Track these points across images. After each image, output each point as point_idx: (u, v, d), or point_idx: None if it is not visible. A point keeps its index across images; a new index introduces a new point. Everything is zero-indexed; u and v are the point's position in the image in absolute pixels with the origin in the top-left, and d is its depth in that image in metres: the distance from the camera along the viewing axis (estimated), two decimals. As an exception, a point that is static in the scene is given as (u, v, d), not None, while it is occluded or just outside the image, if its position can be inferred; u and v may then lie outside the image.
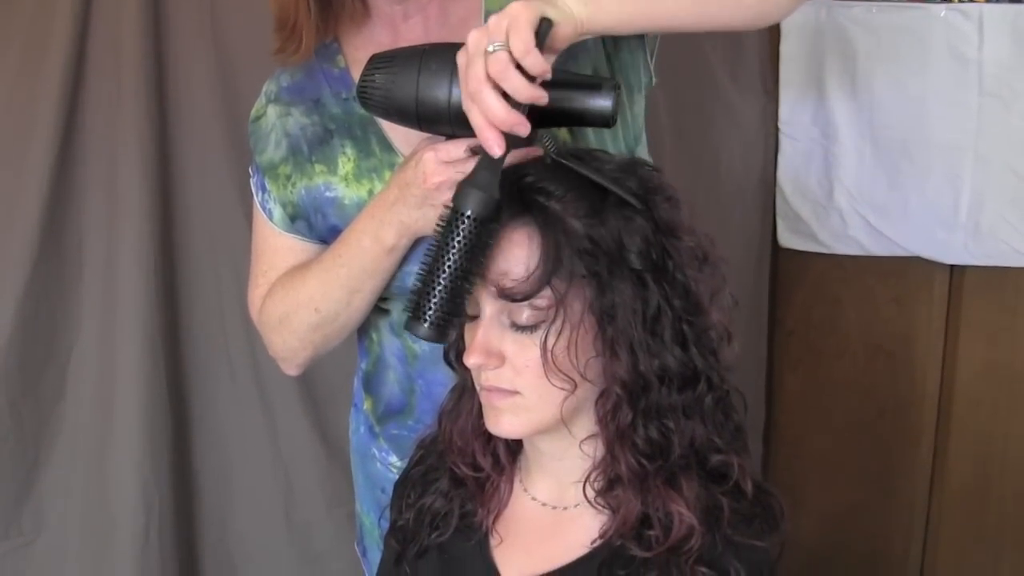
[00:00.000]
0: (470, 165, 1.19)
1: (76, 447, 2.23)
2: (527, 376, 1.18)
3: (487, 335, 1.18)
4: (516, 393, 1.19)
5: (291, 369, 1.67)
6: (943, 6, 2.39)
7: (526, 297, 1.14)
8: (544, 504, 1.29)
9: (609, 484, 1.21)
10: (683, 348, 1.18)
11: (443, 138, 1.30)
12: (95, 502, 2.24)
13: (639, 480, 1.19)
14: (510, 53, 1.11)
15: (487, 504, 1.33)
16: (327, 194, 1.51)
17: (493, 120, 1.12)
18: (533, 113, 1.15)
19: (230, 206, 2.25)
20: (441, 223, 1.15)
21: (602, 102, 1.24)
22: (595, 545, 1.22)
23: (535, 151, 1.24)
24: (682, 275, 1.18)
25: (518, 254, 1.16)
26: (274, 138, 1.56)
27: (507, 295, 1.15)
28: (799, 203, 2.65)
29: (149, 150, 2.15)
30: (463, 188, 1.13)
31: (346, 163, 1.51)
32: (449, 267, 1.13)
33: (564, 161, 1.17)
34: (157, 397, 2.23)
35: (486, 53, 1.12)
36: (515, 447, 1.34)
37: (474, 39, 1.14)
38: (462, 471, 1.33)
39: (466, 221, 1.12)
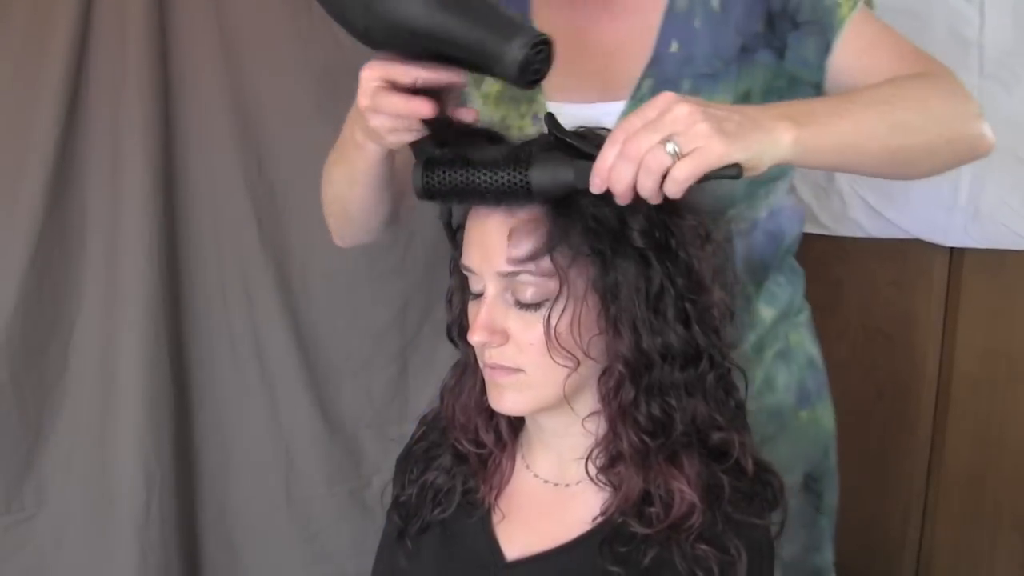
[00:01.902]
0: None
1: (78, 422, 2.23)
2: (530, 354, 1.19)
3: (491, 313, 1.19)
4: (519, 371, 1.20)
5: (335, 239, 1.69)
6: (945, -12, 2.39)
7: (531, 258, 1.15)
8: (546, 481, 1.30)
9: (611, 461, 1.22)
10: (686, 326, 1.19)
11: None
12: (96, 477, 2.25)
13: (641, 457, 1.20)
14: (675, 159, 1.06)
15: (489, 480, 1.34)
16: (469, 103, 1.54)
17: (618, 187, 1.09)
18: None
19: (233, 184, 2.25)
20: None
21: (512, 52, 1.13)
22: (596, 522, 1.23)
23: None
24: (684, 253, 1.19)
25: (521, 230, 1.17)
26: None
27: (511, 263, 1.16)
28: (799, 185, 2.65)
29: (153, 128, 2.15)
30: (544, 163, 1.14)
31: (493, 83, 1.53)
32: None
33: (567, 139, 1.16)
34: (159, 373, 2.23)
35: (659, 141, 1.07)
36: (517, 424, 1.35)
37: (660, 119, 1.07)
38: (464, 447, 1.34)
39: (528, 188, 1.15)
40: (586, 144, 1.15)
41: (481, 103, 1.53)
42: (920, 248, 2.53)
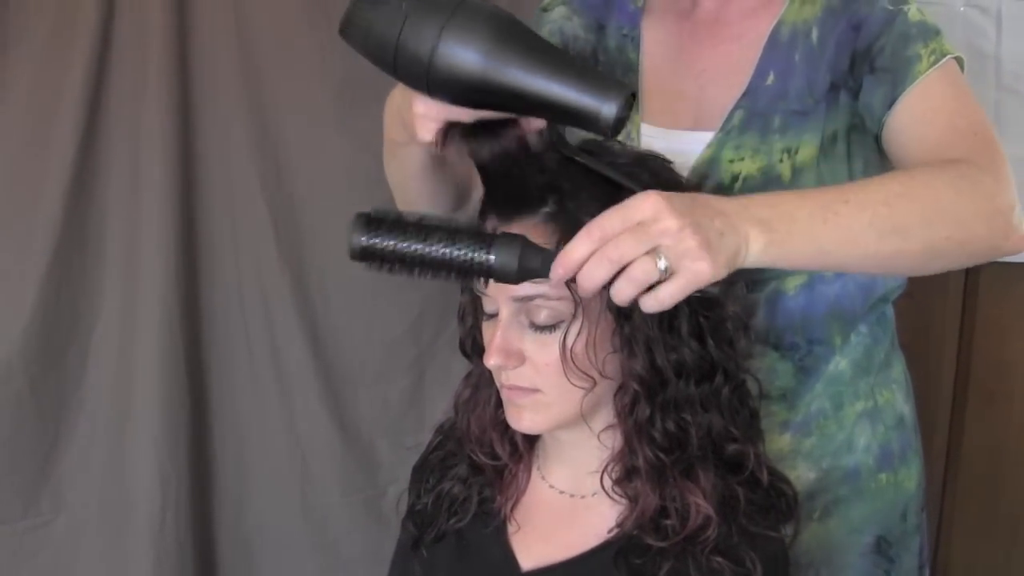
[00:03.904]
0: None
1: (95, 428, 2.24)
2: (547, 374, 1.19)
3: (506, 336, 1.19)
4: (537, 391, 1.20)
5: None
6: (961, 1, 2.39)
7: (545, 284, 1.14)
8: (562, 492, 1.30)
9: (626, 475, 1.22)
10: (700, 341, 1.19)
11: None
12: (113, 483, 2.25)
13: (657, 473, 1.20)
14: (659, 280, 1.01)
15: (505, 491, 1.34)
16: None
17: (587, 284, 1.03)
18: (518, 102, 1.09)
19: (251, 192, 2.26)
20: (465, 238, 1.06)
21: (606, 108, 1.07)
22: (612, 534, 1.23)
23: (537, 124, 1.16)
24: None
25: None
26: (547, 30, 1.58)
27: (523, 295, 1.16)
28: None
29: (172, 136, 2.16)
30: (509, 245, 1.05)
31: None
32: (432, 253, 1.06)
33: (576, 157, 1.15)
34: (176, 380, 2.24)
35: (644, 252, 1.00)
36: (533, 436, 1.35)
37: (647, 228, 1.00)
38: (480, 459, 1.34)
39: (489, 268, 1.06)
40: (593, 161, 1.14)
41: None
42: (936, 260, 2.53)
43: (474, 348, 1.32)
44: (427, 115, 1.15)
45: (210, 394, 2.34)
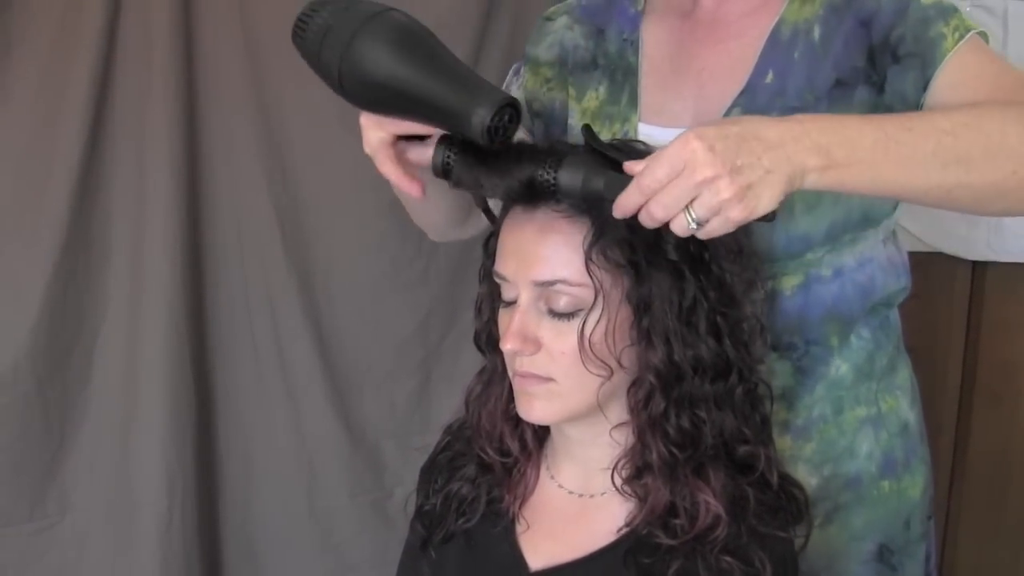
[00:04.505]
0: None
1: (101, 430, 2.25)
2: (562, 363, 1.18)
3: (524, 321, 1.19)
4: (550, 380, 1.20)
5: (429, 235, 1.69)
6: (968, 2, 2.38)
7: (568, 269, 1.16)
8: (570, 492, 1.30)
9: (637, 472, 1.22)
10: (717, 339, 1.19)
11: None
12: (119, 485, 2.26)
13: (669, 469, 1.20)
14: (698, 227, 1.06)
15: (513, 491, 1.33)
16: (569, 118, 1.55)
17: (643, 228, 1.10)
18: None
19: (256, 193, 2.27)
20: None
21: (480, 112, 1.13)
22: (621, 533, 1.23)
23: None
24: (718, 267, 1.19)
25: (557, 240, 1.17)
26: (549, 41, 1.60)
27: (545, 279, 1.17)
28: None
29: (177, 138, 2.17)
30: (575, 164, 1.13)
31: (593, 99, 1.53)
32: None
33: (604, 150, 1.16)
34: (182, 382, 2.25)
35: (683, 206, 1.05)
36: (542, 433, 1.34)
37: (686, 177, 1.04)
38: (489, 456, 1.34)
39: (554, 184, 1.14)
40: (622, 156, 1.14)
41: (579, 117, 1.52)
42: (943, 262, 2.53)
43: (488, 341, 1.32)
44: (367, 126, 1.25)
45: (216, 395, 2.35)
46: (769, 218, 1.08)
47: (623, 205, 1.08)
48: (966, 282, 2.58)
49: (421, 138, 1.25)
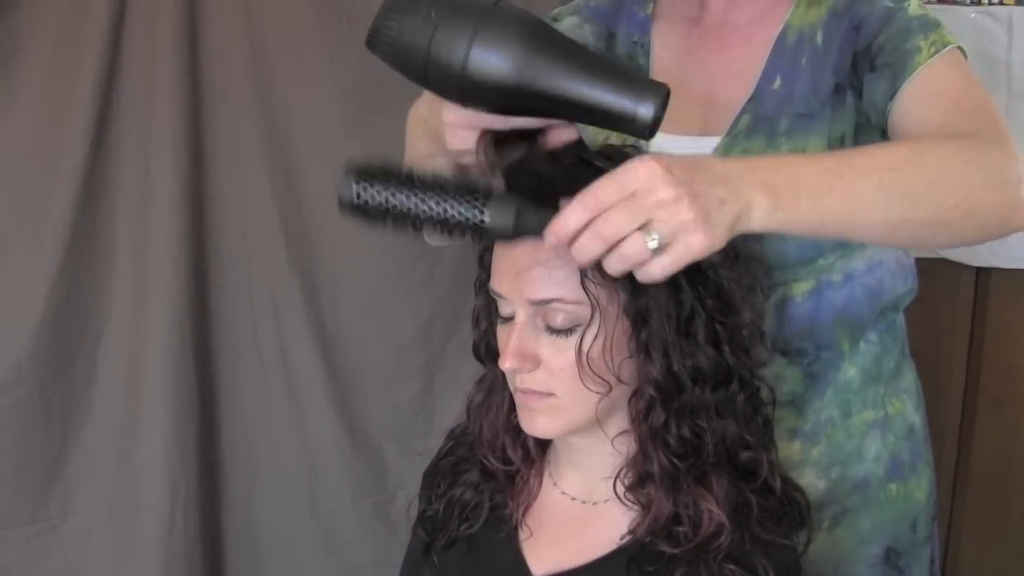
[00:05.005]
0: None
1: (104, 432, 2.25)
2: (562, 379, 1.18)
3: (522, 339, 1.18)
4: (551, 395, 1.19)
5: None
6: (972, 8, 2.38)
7: (563, 288, 1.14)
8: (573, 499, 1.30)
9: (639, 481, 1.22)
10: (716, 348, 1.18)
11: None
12: (122, 487, 2.26)
13: (671, 479, 1.19)
14: (652, 252, 0.99)
15: (517, 497, 1.33)
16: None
17: (581, 258, 1.02)
18: (558, 107, 1.07)
19: (261, 195, 2.27)
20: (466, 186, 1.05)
21: (643, 109, 1.06)
22: (624, 540, 1.23)
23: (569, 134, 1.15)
24: (715, 274, 1.18)
25: (552, 259, 1.15)
26: None
27: (540, 298, 1.16)
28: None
29: (182, 139, 2.17)
30: (505, 203, 1.04)
31: None
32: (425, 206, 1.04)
33: (595, 162, 1.15)
34: (185, 384, 2.25)
35: (637, 227, 0.98)
36: (545, 441, 1.34)
37: (641, 199, 0.98)
38: (492, 464, 1.33)
39: (482, 226, 1.04)
40: (611, 165, 1.13)
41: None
42: (946, 267, 2.52)
43: (487, 352, 1.32)
44: (458, 123, 1.15)
45: (219, 397, 2.35)
46: (713, 261, 1.05)
47: (559, 226, 1.01)
48: (970, 288, 2.57)
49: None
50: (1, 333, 2.15)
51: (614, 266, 1.01)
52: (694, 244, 0.99)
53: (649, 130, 1.07)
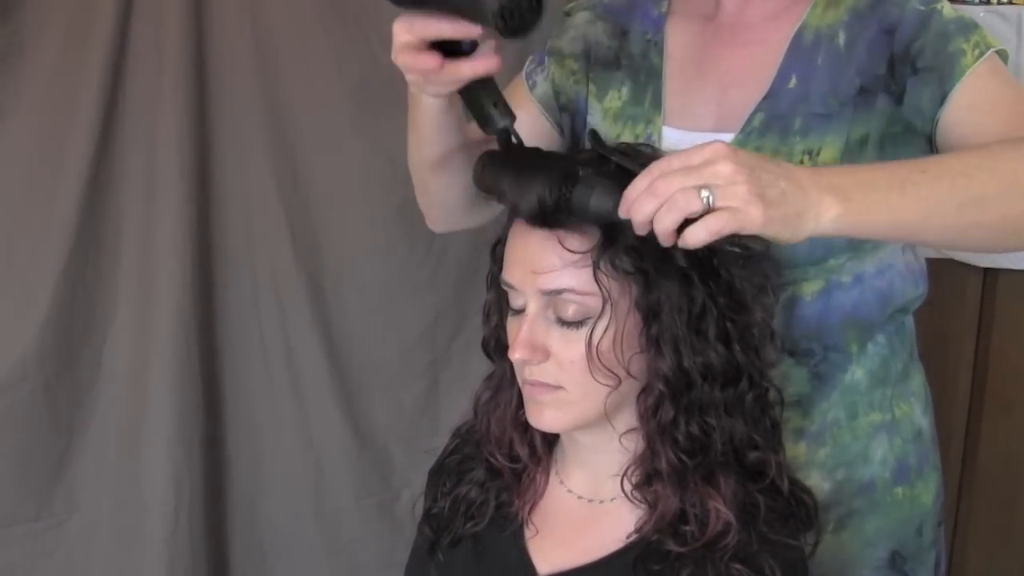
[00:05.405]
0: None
1: (109, 430, 2.25)
2: (571, 371, 1.18)
3: (532, 330, 1.18)
4: (560, 388, 1.19)
5: (429, 224, 1.66)
6: (981, 8, 2.38)
7: (575, 279, 1.15)
8: (580, 497, 1.30)
9: (647, 478, 1.22)
10: (726, 346, 1.18)
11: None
12: (127, 484, 2.26)
13: (678, 476, 1.19)
14: (706, 209, 1.02)
15: (523, 495, 1.33)
16: (588, 115, 1.55)
17: (637, 217, 1.05)
18: None
19: (267, 195, 2.27)
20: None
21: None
22: (630, 539, 1.23)
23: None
24: (727, 272, 1.18)
25: (565, 249, 1.16)
26: (572, 35, 1.60)
27: (552, 288, 1.16)
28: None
29: (187, 139, 2.17)
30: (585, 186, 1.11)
31: (615, 99, 1.53)
32: None
33: (610, 156, 1.15)
34: (190, 382, 2.25)
35: (693, 186, 1.02)
36: (552, 438, 1.34)
37: (701, 168, 1.03)
38: (498, 461, 1.33)
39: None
40: (628, 161, 1.14)
41: (601, 117, 1.53)
42: (954, 268, 2.52)
43: (497, 348, 1.32)
44: (398, 32, 1.19)
45: (224, 396, 2.35)
46: (760, 247, 1.09)
47: (627, 196, 1.06)
48: (977, 289, 2.57)
49: (455, 54, 1.20)
50: (7, 331, 2.15)
51: (663, 220, 1.03)
52: (748, 213, 1.02)
53: (500, 18, 1.10)
